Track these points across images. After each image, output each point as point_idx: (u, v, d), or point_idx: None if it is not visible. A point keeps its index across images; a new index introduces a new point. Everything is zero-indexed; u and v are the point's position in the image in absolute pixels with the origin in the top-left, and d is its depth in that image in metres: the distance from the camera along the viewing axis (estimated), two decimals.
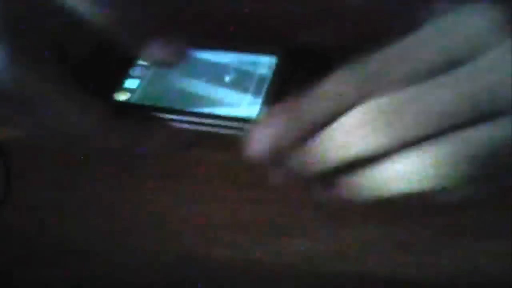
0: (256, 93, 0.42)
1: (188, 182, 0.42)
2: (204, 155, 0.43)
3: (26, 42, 0.36)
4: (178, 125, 0.42)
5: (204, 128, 0.42)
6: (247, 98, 0.42)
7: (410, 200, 0.40)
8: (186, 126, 0.42)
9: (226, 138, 0.43)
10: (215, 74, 0.44)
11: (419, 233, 0.39)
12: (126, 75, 0.43)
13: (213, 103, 0.42)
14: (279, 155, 0.31)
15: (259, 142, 0.32)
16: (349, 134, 0.28)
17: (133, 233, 0.40)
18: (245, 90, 0.42)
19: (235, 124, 0.41)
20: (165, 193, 0.41)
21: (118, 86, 0.43)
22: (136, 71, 0.45)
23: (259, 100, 0.41)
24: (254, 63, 0.44)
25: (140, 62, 0.46)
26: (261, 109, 0.40)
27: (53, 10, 0.36)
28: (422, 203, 0.40)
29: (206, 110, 0.42)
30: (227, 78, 0.43)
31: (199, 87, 0.43)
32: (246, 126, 0.40)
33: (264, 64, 0.44)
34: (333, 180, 0.30)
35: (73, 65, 0.39)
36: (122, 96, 0.43)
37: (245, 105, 0.41)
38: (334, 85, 0.30)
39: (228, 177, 0.42)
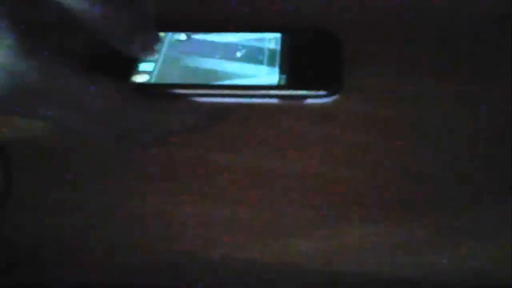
0: (270, 64, 0.44)
1: (188, 182, 0.42)
2: (204, 155, 0.43)
3: (47, 37, 0.37)
4: (202, 99, 0.43)
5: (230, 100, 0.43)
6: (264, 68, 0.43)
7: (410, 200, 0.40)
8: (210, 99, 0.44)
9: (226, 138, 0.44)
10: (227, 52, 0.46)
11: (419, 233, 0.39)
12: (139, 59, 0.45)
13: (231, 76, 0.44)
14: None
15: None
16: None
17: (133, 233, 0.40)
18: (259, 62, 0.44)
19: (260, 92, 0.42)
20: (165, 193, 0.41)
21: (133, 69, 0.44)
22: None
23: (275, 70, 0.43)
24: (260, 40, 0.46)
25: None
26: (280, 76, 0.43)
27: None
28: (422, 203, 0.40)
29: (227, 82, 0.44)
30: (239, 54, 0.45)
31: (213, 63, 0.45)
32: (271, 92, 0.42)
33: (271, 40, 0.46)
34: None
35: (89, 55, 0.40)
36: (140, 79, 0.44)
37: (263, 75, 0.43)
38: None
39: (228, 177, 0.42)
